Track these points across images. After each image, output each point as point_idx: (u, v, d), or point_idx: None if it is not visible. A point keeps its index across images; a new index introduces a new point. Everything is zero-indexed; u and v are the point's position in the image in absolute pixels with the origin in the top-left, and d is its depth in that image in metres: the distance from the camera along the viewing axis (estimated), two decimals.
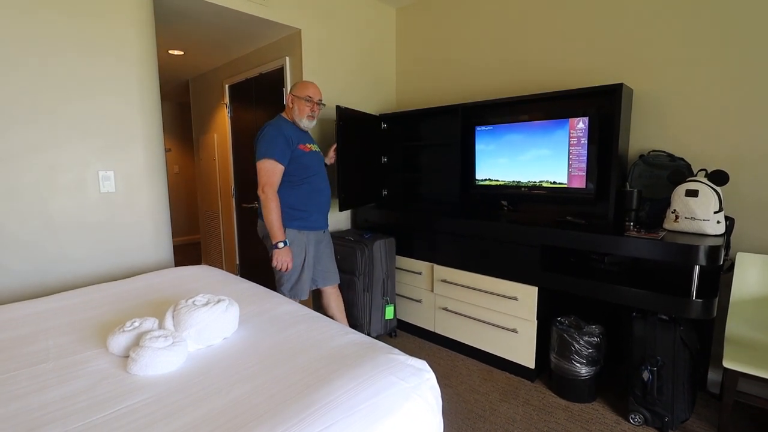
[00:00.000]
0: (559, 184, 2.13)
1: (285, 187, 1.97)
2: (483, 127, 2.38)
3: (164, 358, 0.97)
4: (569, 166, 2.09)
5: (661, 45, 1.99)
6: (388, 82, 3.19)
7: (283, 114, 2.06)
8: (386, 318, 2.52)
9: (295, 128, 2.01)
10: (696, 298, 1.61)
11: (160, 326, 1.11)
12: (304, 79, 2.11)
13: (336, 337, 1.10)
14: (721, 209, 1.71)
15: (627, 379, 1.79)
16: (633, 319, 1.76)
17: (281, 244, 1.91)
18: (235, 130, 3.41)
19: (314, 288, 2.21)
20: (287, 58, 2.69)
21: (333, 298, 2.27)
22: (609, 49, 2.15)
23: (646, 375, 1.68)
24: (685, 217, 1.78)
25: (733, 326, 1.74)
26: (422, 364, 0.98)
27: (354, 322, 2.49)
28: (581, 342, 1.86)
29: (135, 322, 1.09)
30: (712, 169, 1.79)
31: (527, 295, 2.04)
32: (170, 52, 3.08)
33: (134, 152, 1.97)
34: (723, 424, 1.54)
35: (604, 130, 1.99)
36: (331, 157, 2.38)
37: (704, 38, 1.88)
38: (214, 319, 1.09)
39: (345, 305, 2.35)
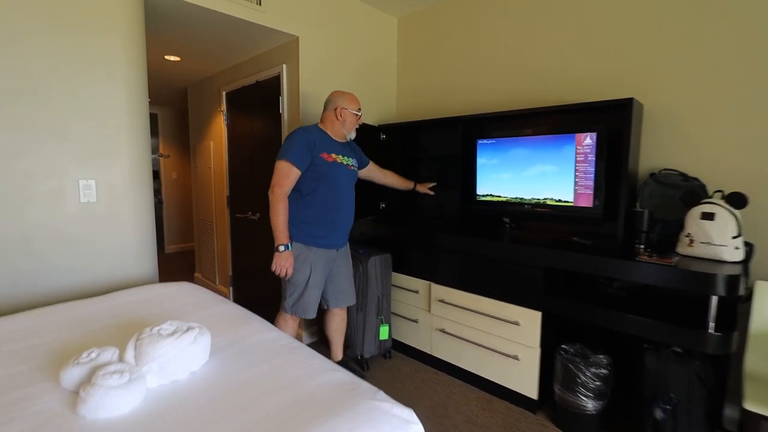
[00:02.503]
0: (565, 202, 2.02)
1: (294, 197, 1.88)
2: (485, 141, 2.28)
3: (117, 399, 0.85)
4: (576, 183, 1.98)
5: (674, 57, 1.89)
6: (389, 92, 3.11)
7: (320, 124, 1.98)
8: (380, 338, 2.39)
9: (327, 137, 1.94)
10: (714, 331, 1.49)
11: (121, 358, 0.99)
12: (342, 91, 1.95)
13: (315, 374, 0.98)
14: (739, 234, 1.59)
15: (637, 416, 1.66)
16: (644, 352, 1.63)
17: (282, 248, 1.82)
18: (232, 138, 3.33)
19: (325, 308, 2.12)
20: (284, 65, 2.61)
21: (336, 319, 2.16)
22: (618, 62, 2.05)
23: (658, 413, 1.54)
24: (701, 242, 1.66)
25: (753, 361, 1.61)
26: (409, 414, 0.86)
27: (346, 343, 2.36)
28: (588, 374, 1.73)
29: (92, 352, 0.98)
30: (729, 191, 1.68)
31: (530, 319, 1.91)
32: (167, 57, 3.01)
33: (119, 160, 1.87)
34: None
35: (613, 147, 1.88)
36: (424, 188, 2.46)
37: (721, 50, 1.78)
38: (180, 351, 0.98)
39: None
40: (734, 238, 1.59)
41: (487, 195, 2.31)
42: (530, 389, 1.95)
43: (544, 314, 1.88)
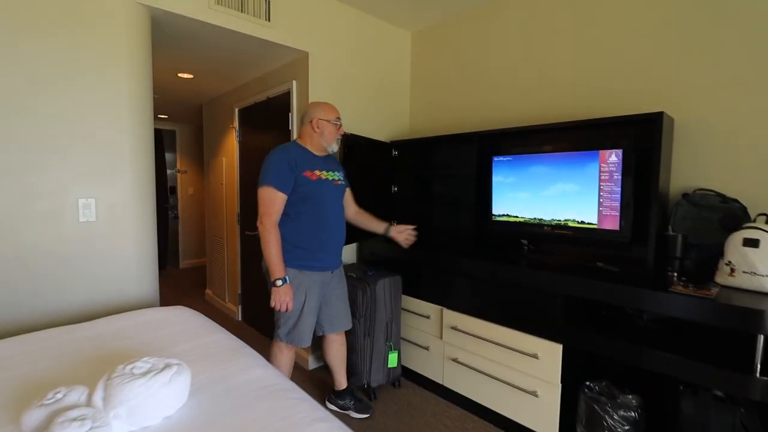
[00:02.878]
0: (588, 224, 1.87)
1: (283, 221, 1.77)
2: (501, 158, 2.15)
3: None
4: (600, 204, 1.83)
5: (707, 67, 1.74)
6: (402, 108, 3.03)
7: (298, 140, 1.88)
8: (389, 366, 2.25)
9: (307, 153, 1.82)
10: (760, 375, 1.30)
11: (89, 400, 0.90)
12: (318, 102, 1.87)
13: (301, 425, 0.87)
14: None
15: None
16: (681, 395, 1.45)
17: (280, 282, 1.70)
18: (243, 154, 3.31)
19: (320, 335, 2.00)
20: (294, 81, 2.57)
21: (334, 345, 2.04)
22: (645, 73, 1.91)
23: None
24: (743, 272, 1.48)
25: None
26: None
27: (352, 370, 2.24)
28: (615, 416, 1.56)
29: (59, 392, 0.90)
30: None
31: (550, 352, 1.75)
32: (180, 75, 3.02)
33: (120, 179, 1.83)
34: None
35: (642, 164, 1.72)
36: (401, 238, 2.02)
37: (759, 59, 1.62)
38: (152, 395, 0.88)
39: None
40: None
41: (503, 215, 2.18)
42: (550, 429, 1.77)
43: (565, 347, 1.72)
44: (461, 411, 2.11)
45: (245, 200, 3.29)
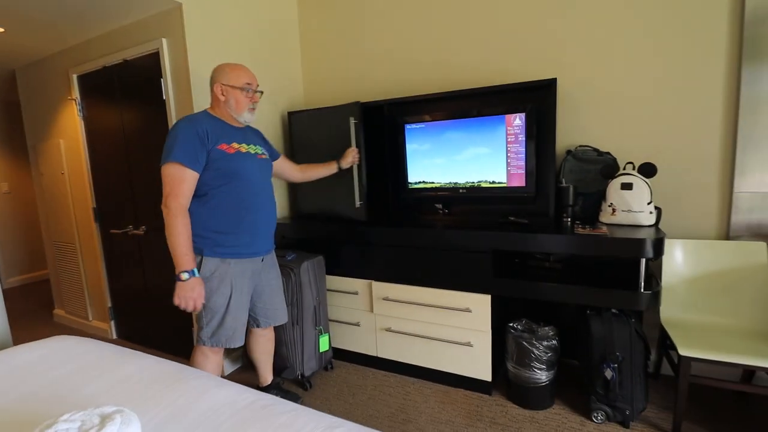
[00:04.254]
0: (499, 183, 2.03)
1: (200, 203, 1.49)
2: (414, 125, 2.17)
3: None
4: (507, 164, 2.00)
5: (582, 41, 2.02)
6: (295, 76, 2.78)
7: (209, 109, 1.59)
8: (321, 351, 2.14)
9: (221, 124, 1.55)
10: (644, 290, 1.63)
11: None
12: (225, 64, 1.58)
13: None
14: (651, 200, 1.78)
15: (587, 377, 1.76)
16: (589, 318, 1.73)
17: (185, 275, 1.42)
18: (92, 132, 2.62)
19: (254, 327, 1.78)
20: (164, 40, 2.10)
21: (262, 341, 1.83)
22: (535, 45, 2.12)
23: (609, 373, 1.65)
24: (622, 210, 1.81)
25: (666, 310, 1.84)
26: None
27: (283, 364, 2.07)
28: (540, 347, 1.78)
29: None
30: (635, 163, 1.87)
31: (481, 304, 1.89)
32: None
33: None
34: (680, 410, 1.58)
35: (539, 126, 1.94)
36: (348, 161, 2.10)
37: (621, 37, 1.95)
38: None
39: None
40: (648, 203, 1.77)
41: (419, 182, 2.22)
42: (484, 372, 1.94)
43: (492, 297, 1.88)
44: (400, 377, 2.16)
45: (104, 192, 2.65)
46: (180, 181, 1.42)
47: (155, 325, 2.58)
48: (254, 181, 1.59)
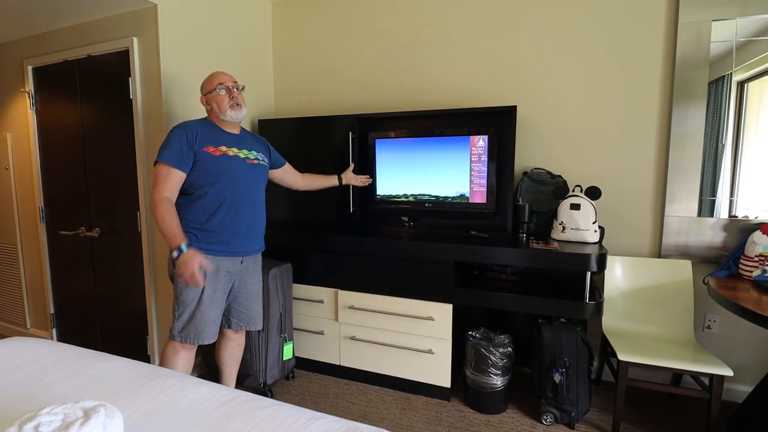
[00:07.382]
0: (462, 199, 2.16)
1: (187, 200, 1.58)
2: (385, 140, 2.26)
3: None
4: (471, 181, 2.14)
5: (541, 74, 2.23)
6: (266, 85, 2.81)
7: (207, 117, 1.73)
8: (284, 359, 2.14)
9: (213, 128, 1.65)
10: (588, 300, 1.80)
11: None
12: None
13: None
14: (596, 220, 1.97)
15: (537, 382, 1.89)
16: (541, 326, 1.87)
17: (175, 253, 1.46)
18: (45, 128, 2.49)
19: (225, 328, 1.79)
20: (134, 39, 2.07)
21: (231, 345, 1.83)
22: (499, 73, 2.30)
23: (557, 377, 1.79)
24: (571, 228, 1.99)
25: (607, 320, 2.03)
26: None
27: (247, 371, 2.04)
28: (497, 353, 1.90)
29: None
30: (583, 186, 2.07)
31: (443, 313, 1.99)
32: None
33: None
34: (619, 411, 1.75)
35: (500, 148, 2.10)
36: (352, 182, 2.23)
37: (574, 74, 2.17)
38: None
39: None
40: (593, 223, 1.96)
41: (388, 195, 2.31)
42: (444, 379, 2.03)
43: (454, 306, 1.98)
44: (362, 385, 2.19)
45: (54, 191, 2.51)
46: (164, 179, 1.52)
47: (105, 332, 2.44)
48: (240, 184, 1.65)
